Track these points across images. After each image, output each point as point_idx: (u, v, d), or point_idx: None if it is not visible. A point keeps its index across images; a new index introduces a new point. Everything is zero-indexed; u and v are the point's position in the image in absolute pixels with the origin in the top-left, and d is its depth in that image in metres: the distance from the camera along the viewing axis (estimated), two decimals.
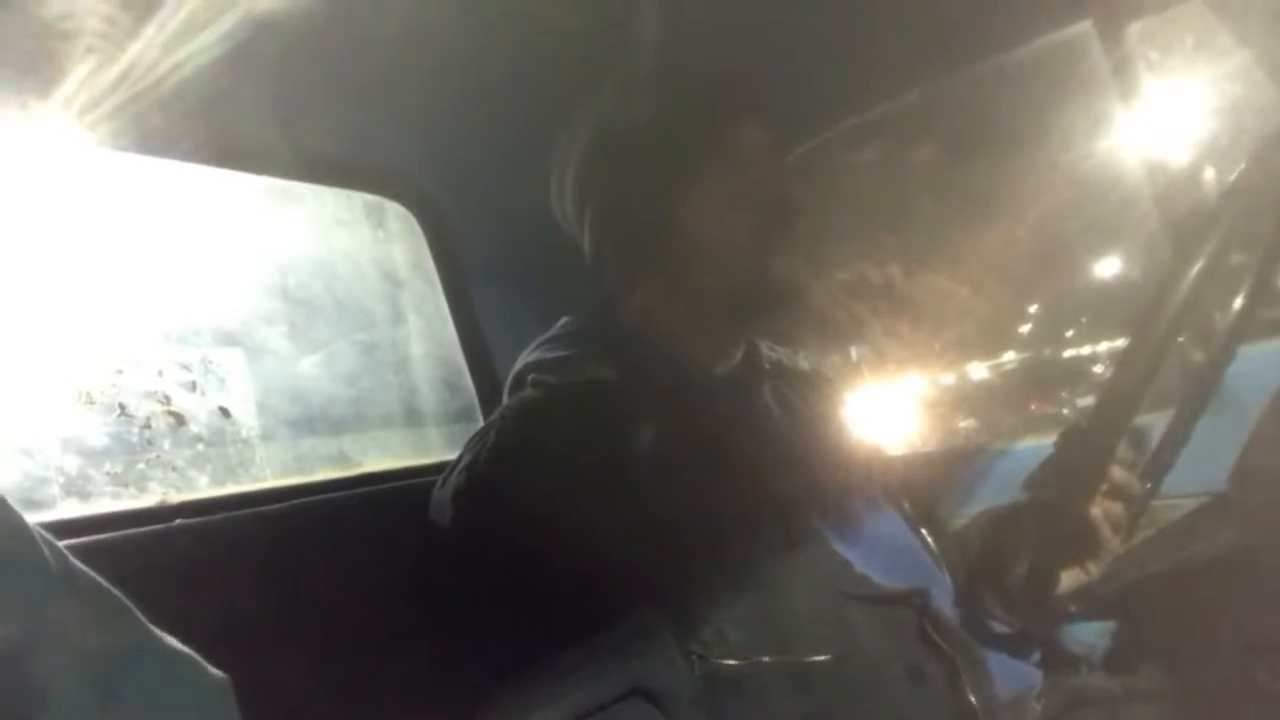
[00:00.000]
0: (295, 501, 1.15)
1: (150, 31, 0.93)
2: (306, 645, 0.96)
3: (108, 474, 1.06)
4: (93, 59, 0.94)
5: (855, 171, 1.51)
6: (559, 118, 1.16)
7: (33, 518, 0.76)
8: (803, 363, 1.28)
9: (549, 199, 1.19)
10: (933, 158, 1.54)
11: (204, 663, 0.66)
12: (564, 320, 1.17)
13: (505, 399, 1.13)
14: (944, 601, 1.08)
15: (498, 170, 1.39)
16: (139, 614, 0.65)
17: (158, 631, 0.65)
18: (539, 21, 1.15)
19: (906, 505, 1.23)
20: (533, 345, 1.15)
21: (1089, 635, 1.19)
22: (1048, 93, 1.43)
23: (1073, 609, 1.09)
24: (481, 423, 1.30)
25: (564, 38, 1.19)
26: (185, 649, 0.65)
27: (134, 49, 0.94)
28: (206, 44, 0.96)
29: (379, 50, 1.11)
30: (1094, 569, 1.06)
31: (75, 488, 1.03)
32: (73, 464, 1.04)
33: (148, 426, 1.12)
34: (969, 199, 1.83)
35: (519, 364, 1.13)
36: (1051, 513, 1.04)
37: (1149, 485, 1.06)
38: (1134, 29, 1.25)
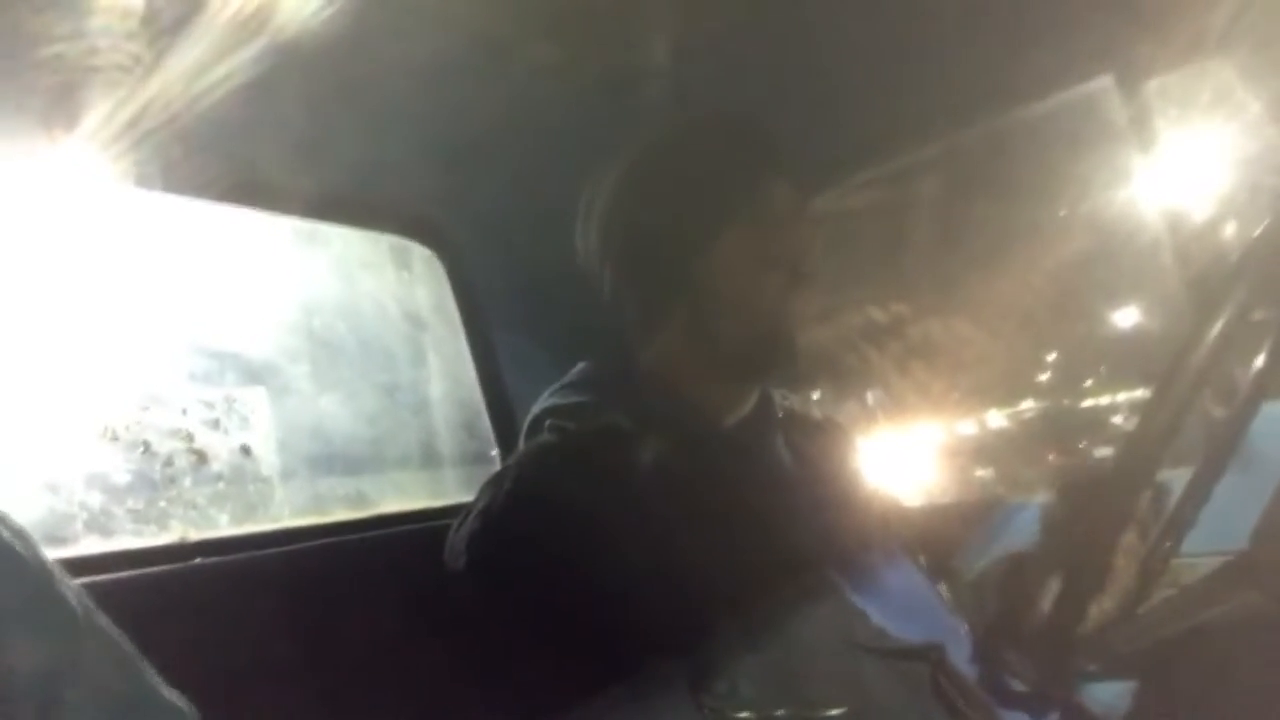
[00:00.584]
0: (313, 542, 1.15)
1: (178, 71, 0.94)
2: (321, 685, 0.96)
3: (129, 511, 1.07)
4: (120, 96, 0.95)
5: (873, 219, 1.52)
6: (584, 165, 1.18)
7: (56, 553, 0.77)
8: (815, 411, 1.28)
9: (571, 245, 1.20)
10: (951, 208, 1.55)
11: (172, 700, 0.66)
12: (581, 366, 1.18)
13: (521, 443, 1.13)
14: (961, 656, 1.07)
15: (521, 215, 1.40)
16: (145, 663, 0.65)
17: (161, 682, 0.65)
18: (566, 70, 1.17)
19: (922, 558, 1.22)
20: (550, 390, 1.15)
21: (1108, 695, 1.17)
22: (1067, 145, 1.44)
23: (1092, 668, 1.08)
24: (498, 466, 1.31)
25: (591, 86, 1.21)
26: (184, 704, 0.66)
27: (161, 88, 0.95)
28: (234, 86, 0.97)
29: (405, 96, 1.13)
30: (1113, 627, 1.04)
31: (98, 524, 1.04)
32: (96, 500, 1.05)
33: (170, 464, 1.12)
34: (987, 249, 1.83)
35: (536, 409, 1.14)
36: (1069, 569, 1.03)
37: (1169, 543, 1.05)
38: (1153, 84, 1.26)
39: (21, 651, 0.56)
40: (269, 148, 1.14)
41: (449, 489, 1.46)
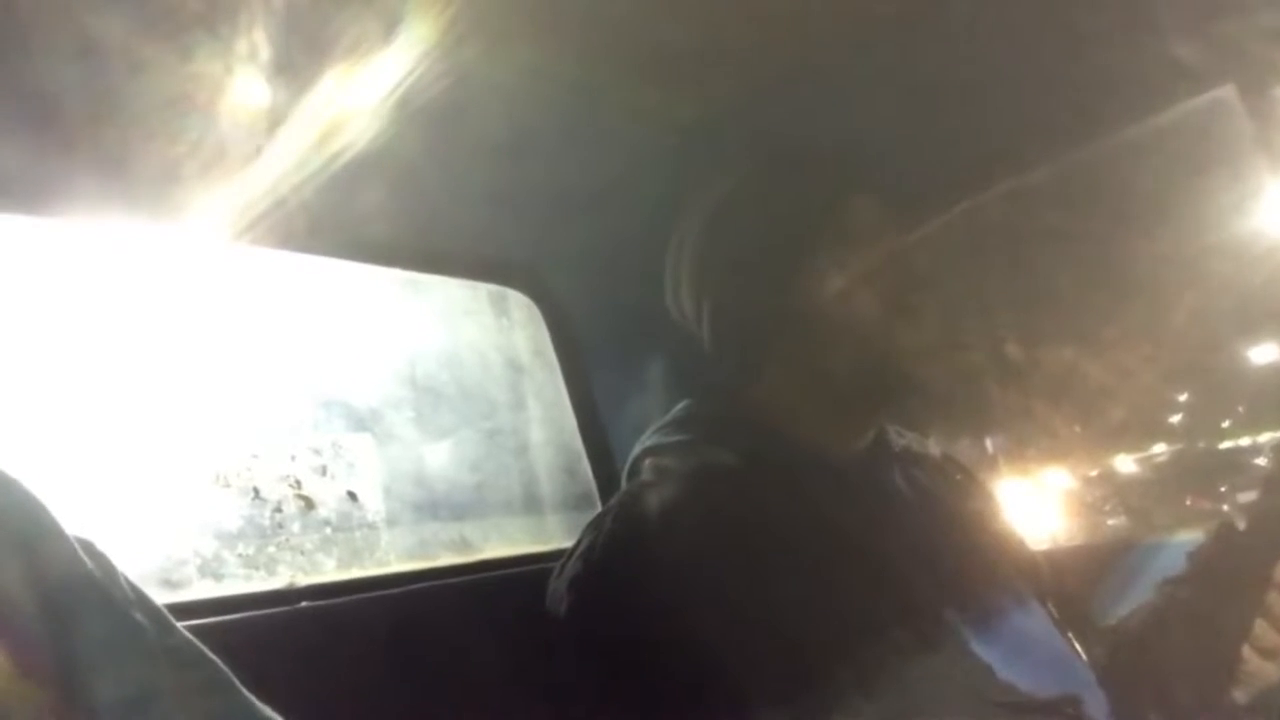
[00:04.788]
0: (417, 586, 1.16)
1: (293, 146, 0.99)
2: None
3: (240, 556, 1.10)
4: (238, 169, 1.00)
5: (989, 248, 1.47)
6: (675, 209, 1.18)
7: (170, 597, 0.78)
8: (933, 448, 1.23)
9: (665, 287, 1.20)
10: (1068, 234, 1.48)
11: None
12: (681, 405, 1.16)
13: (623, 484, 1.12)
14: (1098, 711, 0.99)
15: (616, 259, 1.41)
16: (238, 682, 0.67)
17: (255, 700, 0.67)
18: (654, 115, 1.18)
19: (1051, 605, 1.14)
20: (650, 430, 1.14)
21: None
22: (1189, 162, 1.35)
23: None
24: (599, 509, 1.29)
25: (679, 131, 1.21)
26: (265, 711, 0.66)
27: (276, 160, 1.00)
28: (344, 153, 1.02)
29: (501, 147, 1.15)
30: (1272, 674, 0.96)
31: (210, 569, 1.06)
32: (209, 546, 1.08)
33: (279, 510, 1.15)
34: (1109, 279, 1.75)
35: (636, 449, 1.12)
36: (1217, 614, 0.96)
37: None
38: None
39: (107, 683, 0.58)
40: (375, 206, 1.18)
41: (551, 533, 1.45)
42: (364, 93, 0.96)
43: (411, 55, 0.92)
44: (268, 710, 0.66)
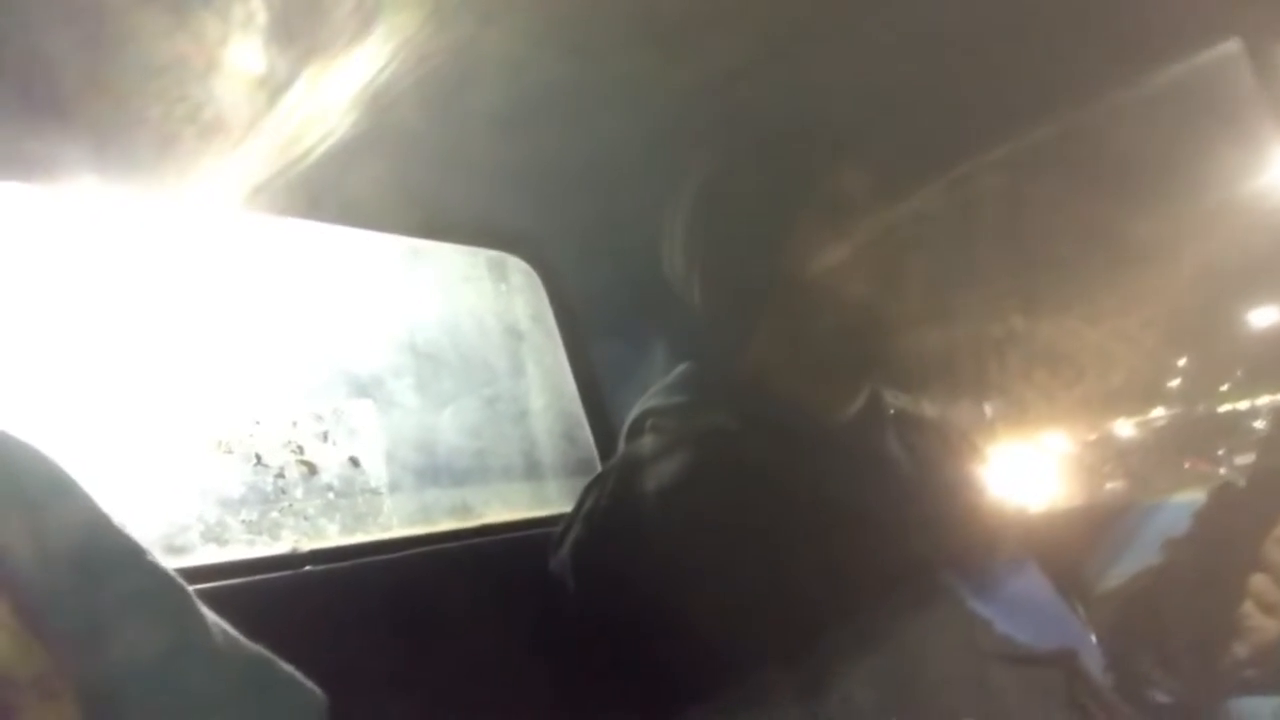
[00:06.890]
0: (419, 550, 1.17)
1: (292, 109, 0.99)
2: (426, 689, 0.97)
3: (243, 521, 1.10)
4: (238, 134, 1.00)
5: (986, 211, 1.45)
6: (674, 176, 1.17)
7: (174, 562, 0.79)
8: (927, 409, 1.23)
9: (662, 253, 1.20)
10: (1066, 196, 1.47)
11: (304, 679, 0.69)
12: (682, 367, 1.16)
13: (622, 445, 1.12)
14: (1094, 665, 1.00)
15: (615, 225, 1.40)
16: (242, 637, 0.69)
17: (258, 647, 0.69)
18: (652, 83, 1.17)
19: (1049, 566, 1.15)
20: (650, 391, 1.14)
21: (1266, 711, 1.08)
22: (1193, 121, 1.33)
23: (1247, 676, 1.00)
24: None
25: (678, 98, 1.21)
26: (287, 666, 0.69)
27: (277, 125, 1.00)
28: (343, 118, 1.01)
29: (502, 117, 1.15)
30: (1273, 630, 0.96)
31: (213, 534, 1.07)
32: (212, 512, 1.08)
33: (281, 476, 1.16)
34: (1107, 241, 1.74)
35: (636, 410, 1.13)
36: (1218, 573, 0.97)
37: None
38: None
39: (140, 637, 0.60)
40: (374, 172, 1.17)
41: (552, 498, 1.46)
42: (365, 60, 0.96)
43: (413, 22, 0.92)
44: (285, 665, 0.68)
